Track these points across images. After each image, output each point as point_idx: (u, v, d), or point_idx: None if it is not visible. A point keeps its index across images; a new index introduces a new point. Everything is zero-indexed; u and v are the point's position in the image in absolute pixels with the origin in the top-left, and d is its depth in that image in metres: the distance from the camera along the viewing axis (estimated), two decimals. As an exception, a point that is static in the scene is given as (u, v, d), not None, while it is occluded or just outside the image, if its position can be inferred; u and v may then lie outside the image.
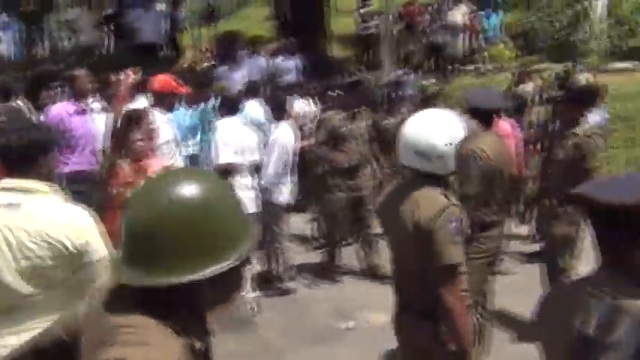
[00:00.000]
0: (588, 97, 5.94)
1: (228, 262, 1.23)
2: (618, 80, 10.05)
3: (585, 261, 3.71)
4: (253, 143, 5.11)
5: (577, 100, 4.44)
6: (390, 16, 11.24)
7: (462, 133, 2.40)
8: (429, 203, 2.32)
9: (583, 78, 10.08)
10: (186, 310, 1.25)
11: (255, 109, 5.67)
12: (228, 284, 1.29)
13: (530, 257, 5.78)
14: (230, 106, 5.33)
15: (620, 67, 11.70)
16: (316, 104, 6.91)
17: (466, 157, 3.30)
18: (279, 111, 5.47)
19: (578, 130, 4.19)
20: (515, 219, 5.97)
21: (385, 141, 5.74)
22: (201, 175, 1.33)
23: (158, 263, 1.19)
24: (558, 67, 11.50)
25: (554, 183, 4.20)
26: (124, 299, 1.24)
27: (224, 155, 4.91)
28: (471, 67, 11.41)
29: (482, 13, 12.03)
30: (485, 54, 11.65)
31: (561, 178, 3.95)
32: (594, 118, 6.02)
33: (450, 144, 2.34)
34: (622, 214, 1.49)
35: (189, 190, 1.21)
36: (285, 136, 5.27)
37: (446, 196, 2.35)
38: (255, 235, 1.32)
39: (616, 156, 8.36)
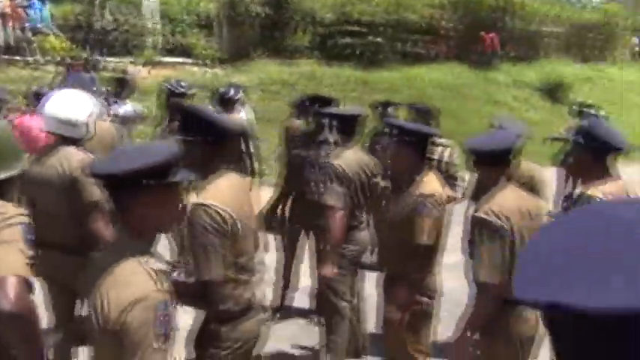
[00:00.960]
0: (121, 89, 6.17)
1: (17, 170, 2.02)
2: (171, 73, 10.84)
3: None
4: None
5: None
6: None
7: (91, 108, 3.15)
8: (72, 158, 3.01)
9: (135, 71, 10.48)
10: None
11: None
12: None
13: None
14: None
15: (172, 61, 12.68)
16: None
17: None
18: None
19: None
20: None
21: None
22: None
23: None
24: (115, 61, 11.73)
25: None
26: None
27: None
28: (18, 57, 10.50)
29: (27, 3, 11.15)
30: (35, 45, 10.89)
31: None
32: (127, 108, 6.29)
33: (83, 114, 3.08)
34: (113, 179, 1.67)
35: None
36: None
37: (81, 151, 3.06)
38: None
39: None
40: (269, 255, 5.07)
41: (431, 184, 3.06)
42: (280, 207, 4.87)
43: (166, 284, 1.63)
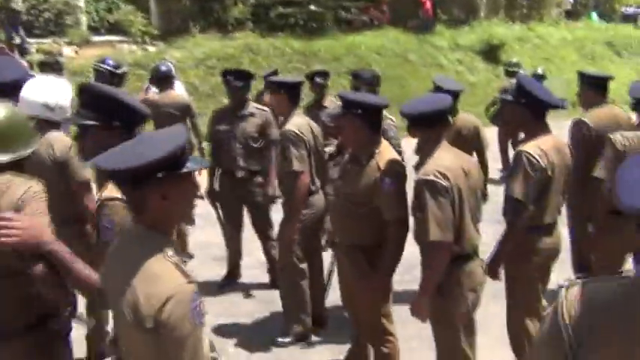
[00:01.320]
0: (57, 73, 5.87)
1: (33, 148, 2.30)
2: (102, 53, 10.39)
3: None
4: None
5: None
6: None
7: (71, 92, 3.23)
8: (58, 142, 3.13)
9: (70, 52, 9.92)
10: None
11: None
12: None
13: None
14: None
15: (104, 40, 12.16)
16: None
17: None
18: None
19: None
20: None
21: None
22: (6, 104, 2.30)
23: None
24: (45, 42, 11.17)
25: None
26: None
27: None
28: None
29: None
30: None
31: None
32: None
33: (66, 98, 3.18)
34: (123, 175, 1.60)
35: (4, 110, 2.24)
36: None
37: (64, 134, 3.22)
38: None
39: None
40: (215, 231, 5.04)
41: (390, 155, 3.02)
42: (210, 183, 4.81)
43: (190, 274, 1.63)
